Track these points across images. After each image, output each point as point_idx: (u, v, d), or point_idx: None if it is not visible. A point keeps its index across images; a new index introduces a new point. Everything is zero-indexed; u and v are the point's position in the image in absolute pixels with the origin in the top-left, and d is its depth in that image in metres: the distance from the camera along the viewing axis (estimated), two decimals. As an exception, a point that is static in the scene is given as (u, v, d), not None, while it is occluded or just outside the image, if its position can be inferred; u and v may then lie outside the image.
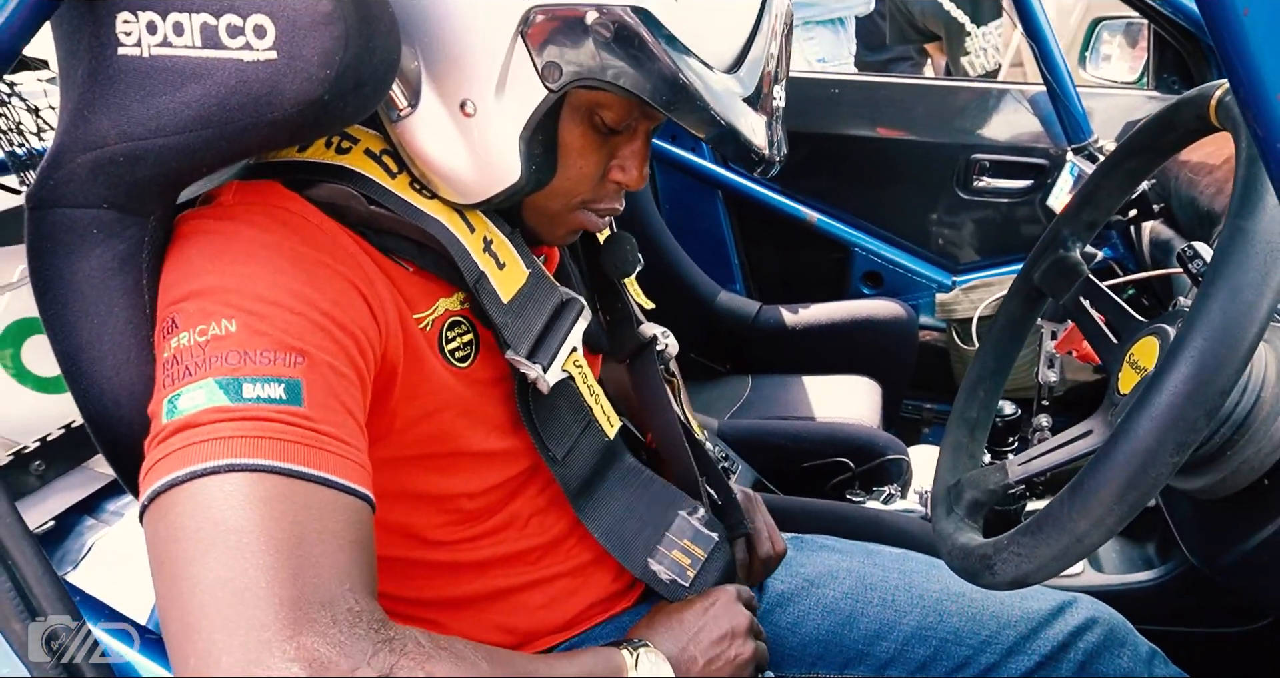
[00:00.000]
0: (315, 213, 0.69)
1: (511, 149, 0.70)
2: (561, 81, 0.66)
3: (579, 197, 0.77)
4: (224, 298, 0.60)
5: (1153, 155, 0.86)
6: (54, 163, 0.64)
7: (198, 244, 0.65)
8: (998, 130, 2.04)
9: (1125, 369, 0.80)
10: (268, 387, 0.57)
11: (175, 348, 0.59)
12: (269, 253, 0.63)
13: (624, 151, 0.76)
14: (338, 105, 0.61)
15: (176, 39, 0.60)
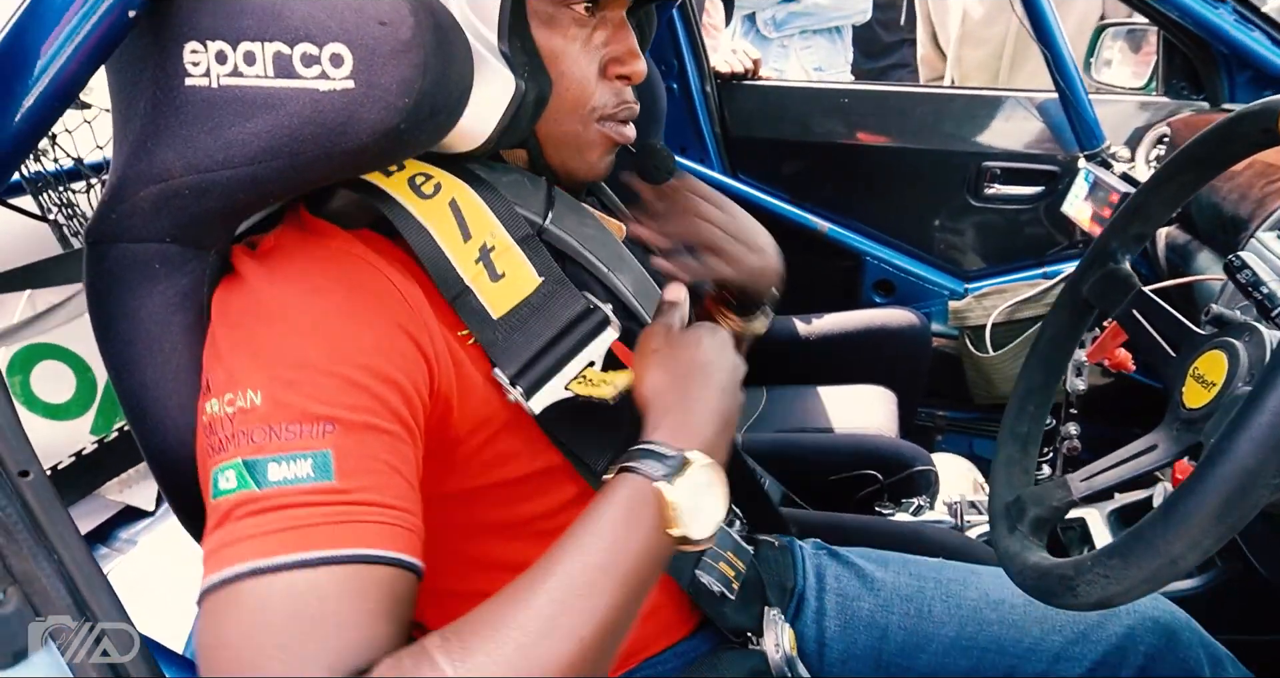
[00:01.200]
0: (358, 245, 0.66)
1: (494, 62, 0.68)
2: None
3: (588, 104, 0.75)
4: (252, 364, 0.58)
5: (1208, 168, 0.85)
6: (115, 197, 0.63)
7: (234, 298, 0.63)
8: (1007, 137, 2.05)
9: (1190, 384, 0.79)
10: (294, 465, 0.55)
11: (209, 414, 0.58)
12: (303, 309, 0.61)
13: (611, 45, 0.75)
14: (413, 134, 0.60)
15: (247, 69, 0.58)
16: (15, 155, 0.59)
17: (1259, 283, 0.96)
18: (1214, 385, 0.76)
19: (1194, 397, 0.78)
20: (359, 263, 0.64)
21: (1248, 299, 0.96)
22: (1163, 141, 1.79)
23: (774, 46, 3.00)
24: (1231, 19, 1.69)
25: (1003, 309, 2.00)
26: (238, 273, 0.65)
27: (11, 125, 0.58)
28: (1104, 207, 1.69)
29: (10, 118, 0.58)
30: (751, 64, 2.13)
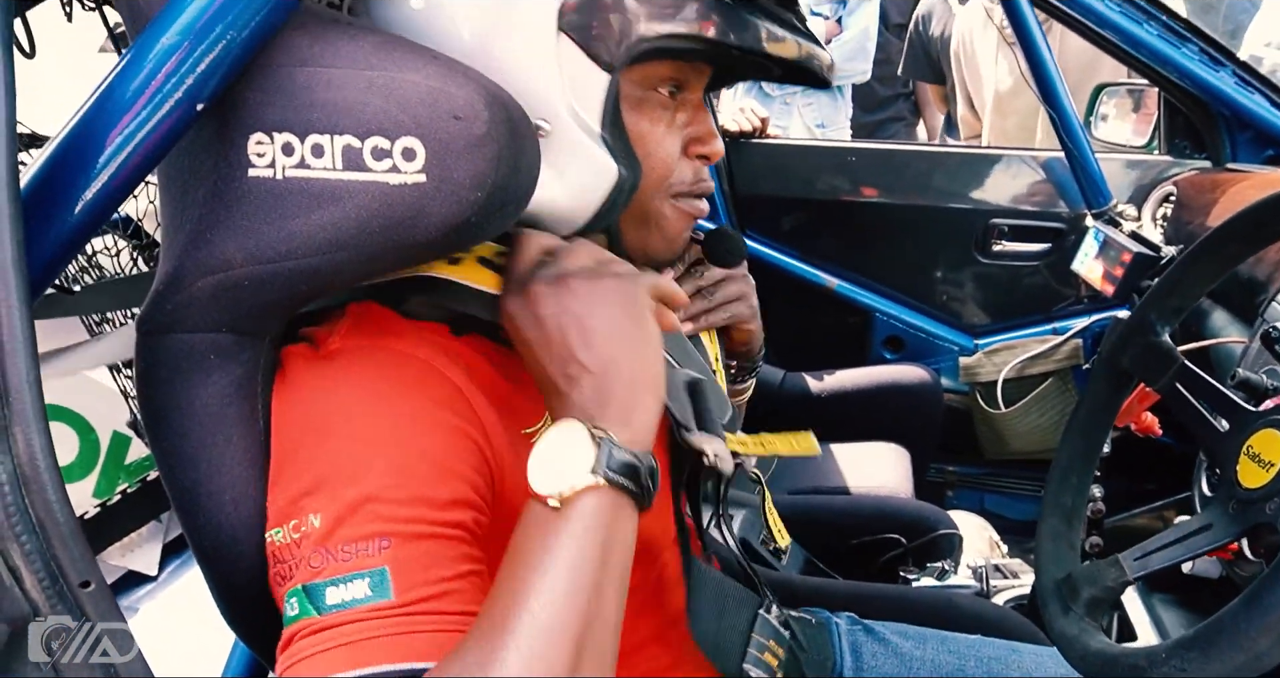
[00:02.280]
0: (424, 347, 0.64)
1: (597, 149, 0.68)
2: (618, 56, 0.66)
3: (667, 182, 0.75)
4: (311, 486, 0.58)
5: (1252, 243, 0.86)
6: (171, 286, 0.61)
7: (295, 407, 0.62)
8: (1014, 195, 2.07)
9: (1245, 462, 0.79)
10: (351, 587, 0.54)
11: (274, 542, 0.58)
12: (362, 420, 0.60)
13: (691, 124, 0.75)
14: (482, 226, 0.59)
15: (315, 161, 0.57)
16: (74, 246, 0.58)
17: (1299, 354, 0.96)
18: (1273, 466, 0.75)
19: (1250, 476, 0.77)
20: (422, 367, 0.63)
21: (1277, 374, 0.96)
22: (1169, 201, 1.81)
23: (777, 104, 3.05)
24: (1232, 82, 1.73)
25: (1013, 365, 2.00)
26: (297, 378, 0.63)
27: (73, 216, 0.57)
28: (1116, 265, 1.70)
29: (72, 209, 0.57)
30: (760, 122, 2.16)
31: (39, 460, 0.48)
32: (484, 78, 0.58)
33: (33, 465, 0.48)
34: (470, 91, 0.56)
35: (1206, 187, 1.73)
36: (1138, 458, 1.81)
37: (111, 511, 1.79)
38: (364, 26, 0.61)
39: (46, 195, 0.56)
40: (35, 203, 0.56)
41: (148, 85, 0.55)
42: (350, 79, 0.56)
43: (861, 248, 2.15)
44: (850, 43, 3.34)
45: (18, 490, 0.48)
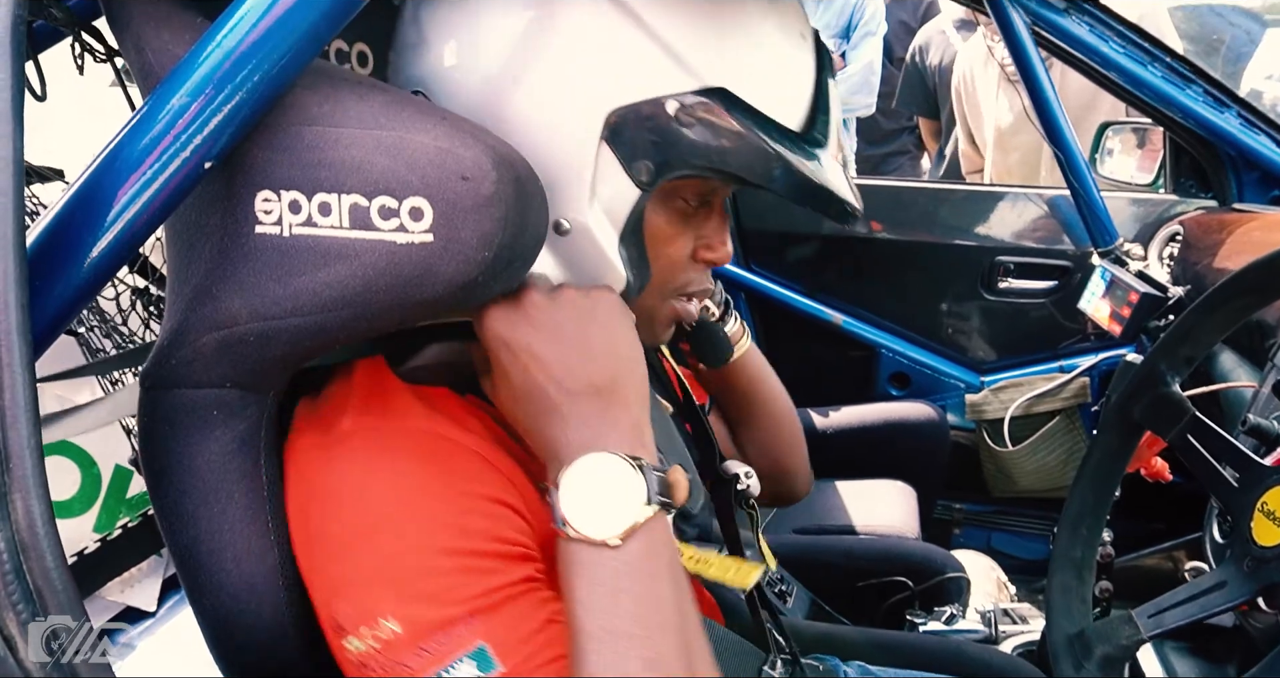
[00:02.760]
0: (438, 420, 0.64)
1: (612, 258, 0.68)
2: (654, 177, 0.65)
3: (671, 285, 0.74)
4: (375, 589, 0.57)
5: (1264, 296, 0.85)
6: (175, 341, 0.61)
7: (325, 507, 0.61)
8: (1020, 232, 2.07)
9: (1260, 519, 0.78)
10: (458, 669, 0.55)
11: (356, 653, 0.57)
12: (400, 509, 0.59)
13: (706, 229, 0.74)
14: (489, 285, 0.58)
15: (322, 219, 0.57)
16: (79, 303, 0.58)
17: (1314, 405, 0.95)
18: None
19: (1266, 534, 0.76)
20: (443, 444, 0.63)
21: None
22: (1175, 240, 1.81)
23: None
24: (1237, 123, 1.73)
25: (1020, 403, 1.99)
26: (316, 472, 0.62)
27: (80, 273, 0.56)
28: (1123, 305, 1.70)
29: (80, 265, 0.56)
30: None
31: (38, 528, 0.47)
32: (492, 137, 0.58)
33: (31, 533, 0.47)
34: (478, 152, 0.56)
35: (1213, 227, 1.73)
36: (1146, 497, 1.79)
37: (112, 545, 1.78)
38: (373, 85, 0.61)
39: (53, 253, 0.56)
40: (42, 260, 0.56)
41: (157, 144, 0.55)
42: (358, 138, 0.56)
43: (867, 284, 2.15)
44: (854, 77, 3.37)
45: (15, 558, 0.47)
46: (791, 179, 0.65)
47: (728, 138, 0.63)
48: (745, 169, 0.64)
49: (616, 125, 0.63)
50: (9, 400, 0.47)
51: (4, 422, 0.47)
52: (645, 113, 0.63)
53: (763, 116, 0.65)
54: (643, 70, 0.63)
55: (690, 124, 0.63)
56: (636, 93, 0.63)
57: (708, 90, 0.63)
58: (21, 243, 0.50)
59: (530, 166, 0.60)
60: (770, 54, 0.66)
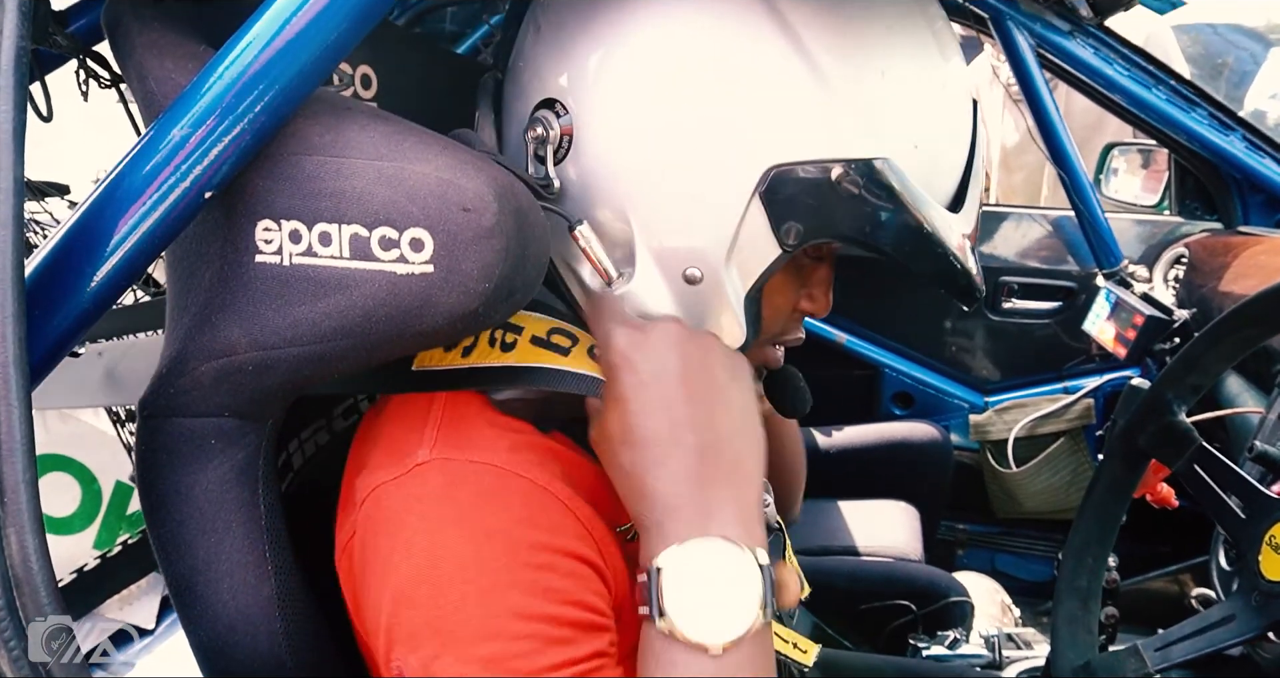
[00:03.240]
0: (522, 460, 0.61)
1: (736, 312, 0.65)
2: (800, 240, 0.62)
3: (770, 335, 0.71)
4: (439, 642, 0.54)
5: (1270, 326, 0.85)
6: (174, 370, 0.61)
7: (396, 541, 0.58)
8: (1024, 252, 2.07)
9: (1268, 553, 0.77)
10: None
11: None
12: (480, 561, 0.56)
13: (813, 281, 0.71)
14: (489, 315, 0.58)
15: (322, 249, 0.57)
16: (77, 333, 0.58)
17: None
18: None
19: (1274, 568, 0.76)
20: (526, 489, 0.60)
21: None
22: (1180, 262, 1.81)
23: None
24: (1242, 146, 1.73)
25: (1024, 424, 1.98)
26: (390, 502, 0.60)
27: (81, 302, 0.56)
28: (1128, 328, 1.69)
29: (81, 294, 0.56)
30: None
31: (32, 563, 0.47)
32: (493, 168, 0.58)
33: (25, 568, 0.47)
34: (480, 183, 0.55)
35: (1219, 249, 1.72)
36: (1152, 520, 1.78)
37: (112, 562, 1.77)
38: (375, 114, 0.61)
39: (54, 282, 0.56)
40: (42, 289, 0.55)
41: (158, 173, 0.55)
42: (359, 169, 0.56)
43: (871, 302, 2.14)
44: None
45: (9, 594, 0.46)
46: (933, 261, 0.62)
47: (885, 212, 0.60)
48: (892, 246, 0.61)
49: (774, 182, 0.60)
50: (5, 434, 0.47)
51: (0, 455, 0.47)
52: (806, 174, 0.60)
53: (923, 196, 0.61)
54: (813, 127, 0.60)
55: (850, 193, 0.60)
56: (801, 151, 0.60)
57: (875, 160, 0.60)
58: (20, 276, 0.50)
59: (532, 198, 0.60)
60: (943, 126, 0.64)
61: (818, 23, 0.60)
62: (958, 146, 0.66)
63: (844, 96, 0.60)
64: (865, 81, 0.60)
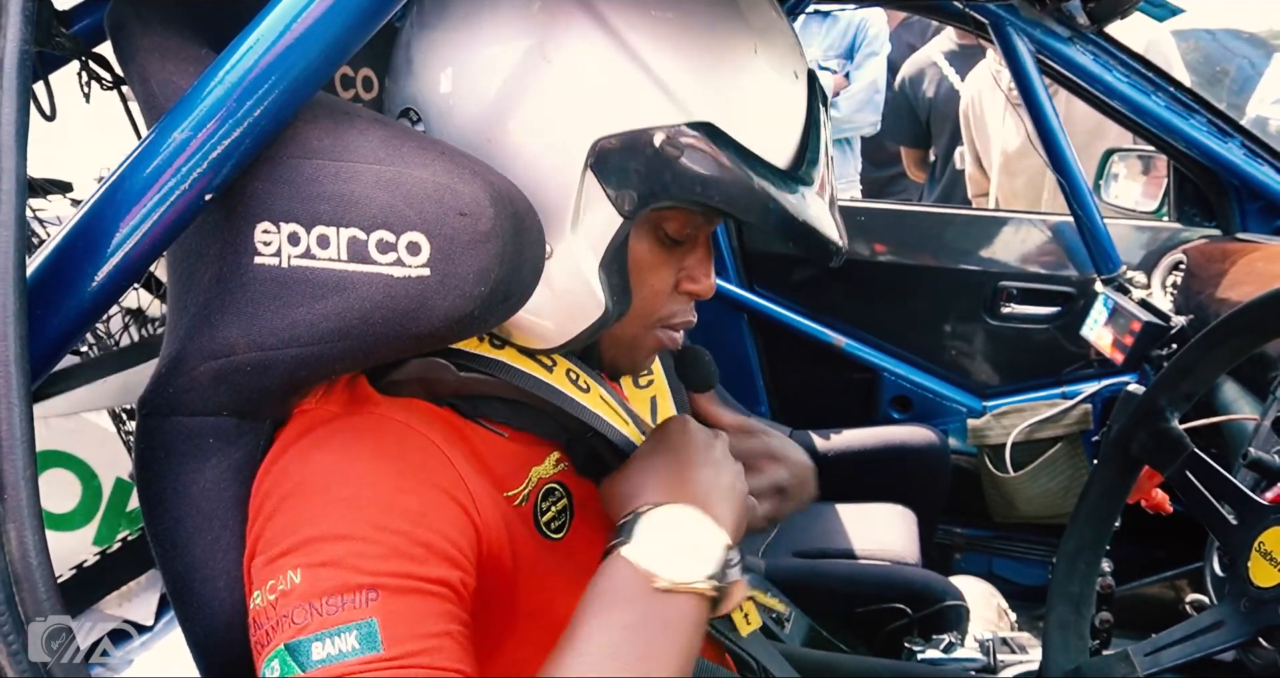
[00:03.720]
0: (399, 409, 0.66)
1: (592, 283, 0.68)
2: (636, 206, 0.65)
3: (654, 315, 0.75)
4: (289, 545, 0.57)
5: (1260, 335, 0.85)
6: (173, 369, 0.61)
7: (270, 474, 0.62)
8: (1024, 258, 2.07)
9: (1257, 560, 0.77)
10: (339, 640, 0.53)
11: (253, 610, 0.56)
12: (343, 480, 0.59)
13: (690, 261, 0.74)
14: (484, 319, 0.59)
15: (320, 251, 0.58)
16: (78, 332, 0.58)
17: (1311, 443, 0.95)
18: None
19: (1263, 575, 0.76)
20: (403, 429, 0.64)
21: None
22: (1179, 268, 1.81)
23: (787, 158, 3.06)
24: (1241, 153, 1.73)
25: (1022, 429, 1.99)
26: (278, 452, 0.63)
27: (82, 301, 0.57)
28: (1125, 334, 1.70)
29: (82, 293, 0.57)
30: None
31: (31, 559, 0.47)
32: (491, 173, 0.59)
33: (25, 563, 0.47)
34: (476, 188, 0.56)
35: (1216, 256, 1.73)
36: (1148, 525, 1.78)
37: (111, 558, 1.77)
38: (374, 118, 0.62)
39: (55, 281, 0.57)
40: (42, 289, 0.56)
41: (159, 176, 0.56)
42: (358, 173, 0.57)
43: (870, 306, 2.15)
44: (857, 95, 3.39)
45: (8, 588, 0.47)
46: (774, 215, 0.65)
47: (712, 171, 0.63)
48: (727, 202, 0.64)
49: (602, 153, 0.64)
50: (5, 432, 0.47)
51: (0, 452, 0.47)
52: (631, 143, 0.63)
53: (749, 152, 0.65)
54: (631, 101, 0.63)
55: (675, 156, 0.63)
56: (624, 122, 0.63)
57: (695, 124, 0.63)
58: (22, 275, 0.50)
59: (529, 203, 0.61)
60: (760, 91, 0.67)
61: (630, 11, 0.64)
62: (784, 109, 0.68)
63: (656, 69, 0.63)
64: (676, 54, 0.64)
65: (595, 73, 0.63)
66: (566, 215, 0.66)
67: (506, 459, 0.71)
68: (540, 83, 0.64)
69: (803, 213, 0.66)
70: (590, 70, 0.63)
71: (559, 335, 0.71)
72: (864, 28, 3.39)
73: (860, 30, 3.39)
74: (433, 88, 0.67)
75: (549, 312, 0.69)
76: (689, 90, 0.64)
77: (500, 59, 0.65)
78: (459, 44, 0.67)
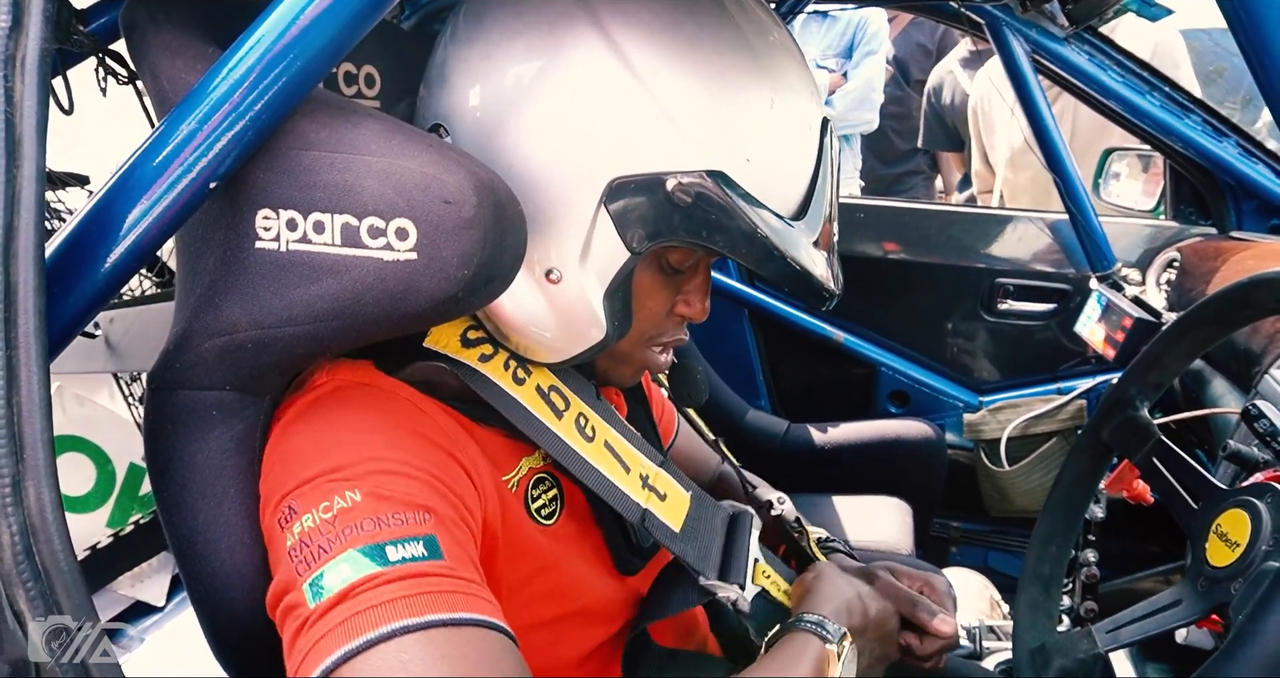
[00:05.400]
0: (406, 389, 0.71)
1: (596, 310, 0.72)
2: (644, 244, 0.69)
3: (648, 334, 0.79)
4: (340, 474, 0.61)
5: (1222, 327, 0.88)
6: (180, 346, 0.66)
7: (300, 435, 0.66)
8: (1020, 255, 2.10)
9: (1214, 541, 0.80)
10: (409, 546, 0.58)
11: (300, 533, 0.59)
12: (370, 430, 0.65)
13: (688, 287, 0.78)
14: (468, 300, 0.63)
15: (316, 236, 0.62)
16: (93, 309, 0.63)
17: (1277, 432, 0.98)
18: (1238, 546, 0.77)
19: (1218, 555, 0.79)
20: (408, 405, 0.69)
21: (1266, 448, 0.97)
22: (1173, 266, 1.83)
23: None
24: (1236, 152, 1.75)
25: (1017, 424, 2.01)
26: (291, 414, 0.68)
27: (96, 281, 0.61)
28: (1117, 330, 1.72)
29: (96, 274, 0.61)
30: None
31: (48, 513, 0.52)
32: (475, 164, 0.63)
33: (41, 517, 0.52)
34: (460, 178, 0.60)
35: (1209, 254, 1.75)
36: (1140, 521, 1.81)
37: (124, 541, 1.83)
38: (367, 113, 0.66)
39: (71, 263, 0.61)
40: (60, 270, 0.61)
41: (168, 165, 0.60)
42: (351, 163, 0.61)
43: (869, 302, 2.17)
44: (854, 93, 3.42)
45: (26, 539, 0.51)
46: (774, 263, 0.68)
47: (720, 218, 0.67)
48: (730, 248, 0.68)
49: (616, 192, 0.67)
50: (25, 396, 0.52)
51: (20, 415, 0.52)
52: (645, 185, 0.67)
53: (756, 201, 0.68)
54: (647, 143, 0.67)
55: (685, 202, 0.66)
56: (638, 164, 0.67)
57: (708, 172, 0.66)
58: (41, 254, 0.55)
59: (511, 192, 0.65)
60: (774, 143, 0.69)
61: (652, 53, 0.67)
62: (794, 160, 0.71)
63: (676, 116, 0.66)
64: (694, 100, 0.67)
65: (616, 111, 0.67)
66: (578, 246, 0.70)
67: (500, 449, 0.76)
68: (562, 116, 0.67)
69: (801, 261, 0.69)
70: (611, 108, 0.67)
71: (560, 353, 0.76)
72: (863, 27, 3.44)
73: (859, 29, 3.43)
74: (462, 107, 0.71)
75: (553, 331, 0.73)
76: (704, 136, 0.67)
77: (526, 86, 0.68)
78: (488, 71, 0.70)
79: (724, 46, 0.68)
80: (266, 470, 0.67)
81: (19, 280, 0.53)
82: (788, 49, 0.73)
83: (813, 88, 0.73)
